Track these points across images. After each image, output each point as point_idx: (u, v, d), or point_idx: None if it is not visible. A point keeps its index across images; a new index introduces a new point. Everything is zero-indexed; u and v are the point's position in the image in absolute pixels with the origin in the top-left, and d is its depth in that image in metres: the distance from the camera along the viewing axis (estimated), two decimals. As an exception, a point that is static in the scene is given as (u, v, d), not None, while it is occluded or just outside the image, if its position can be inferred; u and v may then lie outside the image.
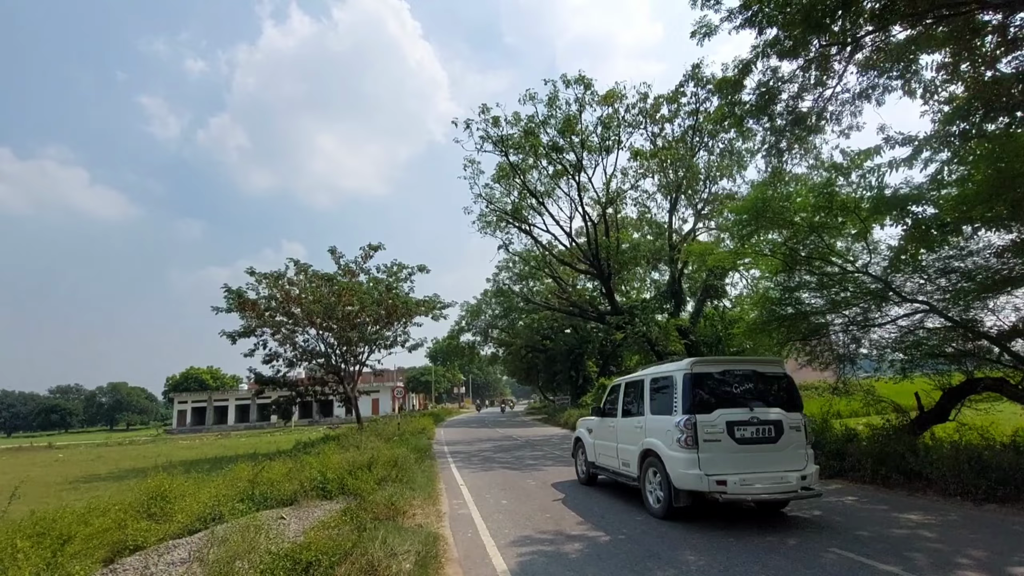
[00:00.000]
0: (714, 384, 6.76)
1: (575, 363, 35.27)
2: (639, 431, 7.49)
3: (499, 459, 13.96)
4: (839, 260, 9.92)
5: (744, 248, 11.07)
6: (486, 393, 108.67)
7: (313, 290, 29.15)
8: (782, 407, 6.74)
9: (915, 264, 9.01)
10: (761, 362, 7.40)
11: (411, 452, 12.88)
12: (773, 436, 6.53)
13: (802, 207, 9.32)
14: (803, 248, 10.01)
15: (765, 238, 10.73)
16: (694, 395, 6.53)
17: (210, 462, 24.16)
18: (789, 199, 9.66)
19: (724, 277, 23.01)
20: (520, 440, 20.19)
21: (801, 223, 9.53)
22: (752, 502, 7.07)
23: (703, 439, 6.34)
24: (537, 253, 24.16)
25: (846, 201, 9.07)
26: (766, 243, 10.53)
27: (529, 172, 21.59)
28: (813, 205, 9.10)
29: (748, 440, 6.43)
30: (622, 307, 21.26)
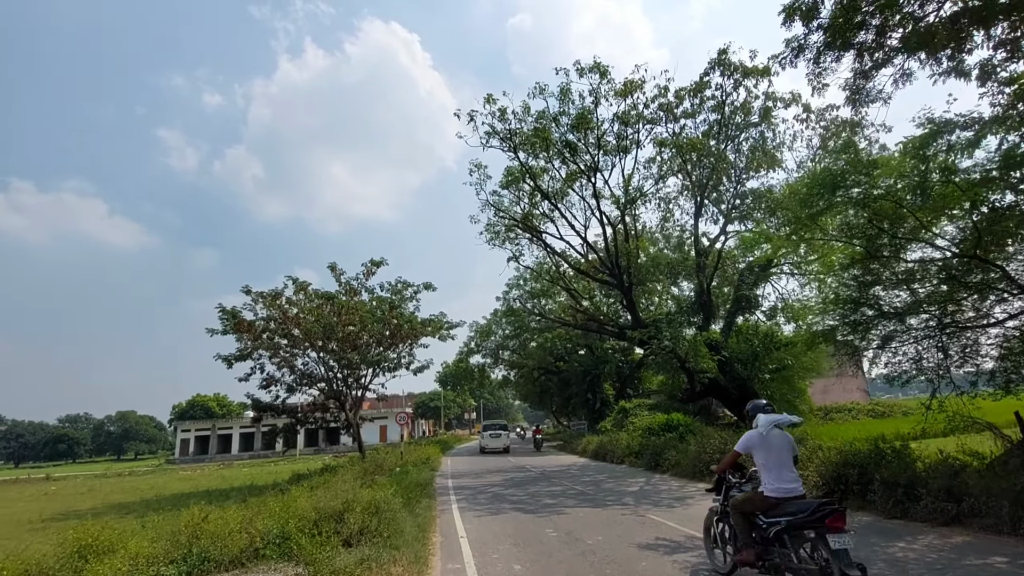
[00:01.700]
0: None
1: (592, 385, 32.95)
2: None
3: (510, 497, 11.79)
4: (941, 243, 7.85)
5: (810, 233, 9.03)
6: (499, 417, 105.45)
7: (312, 309, 27.45)
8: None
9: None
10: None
11: (405, 490, 10.78)
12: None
13: (894, 172, 7.32)
14: (890, 229, 7.98)
15: (835, 222, 8.74)
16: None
17: (200, 496, 22.64)
18: (874, 167, 7.67)
19: (757, 287, 20.87)
20: (534, 471, 17.94)
21: (891, 196, 7.53)
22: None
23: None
24: (550, 265, 22.25)
25: (947, 167, 7.08)
26: (840, 226, 8.52)
27: (540, 176, 19.89)
28: (910, 170, 7.11)
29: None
30: (645, 320, 19.15)
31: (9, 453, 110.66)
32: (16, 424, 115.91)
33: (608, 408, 32.94)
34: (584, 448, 24.17)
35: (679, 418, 21.47)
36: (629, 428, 23.24)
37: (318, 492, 8.33)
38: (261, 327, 26.99)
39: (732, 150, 18.81)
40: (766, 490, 4.69)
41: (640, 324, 18.66)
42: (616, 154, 18.91)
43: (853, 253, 8.71)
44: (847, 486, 9.04)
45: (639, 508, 9.57)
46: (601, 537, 7.25)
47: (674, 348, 17.15)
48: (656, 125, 18.70)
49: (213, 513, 7.62)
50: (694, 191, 19.11)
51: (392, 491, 9.95)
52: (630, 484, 13.31)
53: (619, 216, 18.36)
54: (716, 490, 5.72)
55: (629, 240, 18.68)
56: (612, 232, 18.46)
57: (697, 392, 18.35)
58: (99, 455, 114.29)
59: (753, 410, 5.35)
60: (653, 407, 26.70)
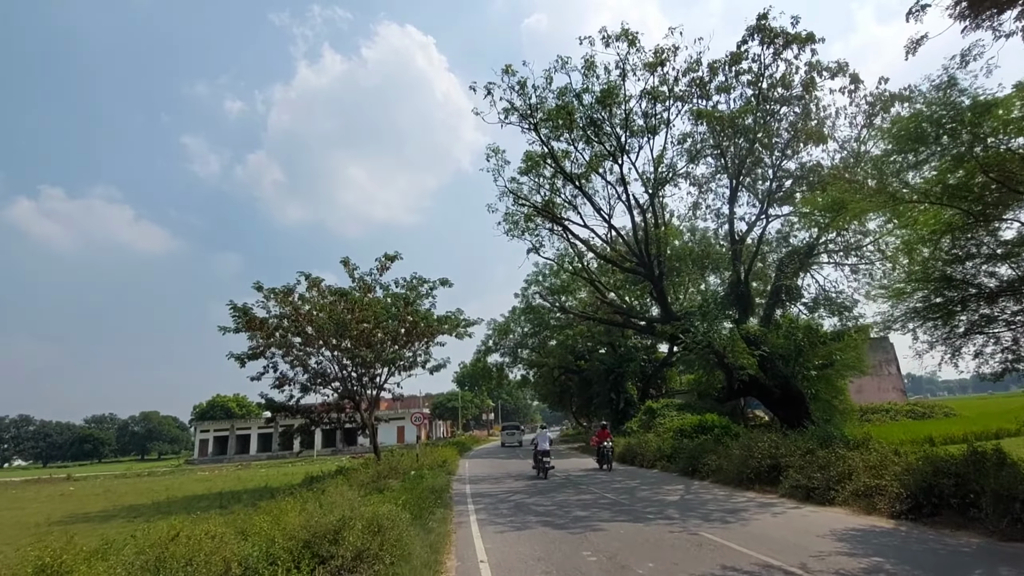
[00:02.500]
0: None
1: (615, 384, 31.43)
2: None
3: (536, 506, 10.52)
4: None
5: (891, 197, 7.55)
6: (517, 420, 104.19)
7: (324, 306, 26.55)
8: None
9: None
10: None
11: (417, 499, 9.58)
12: None
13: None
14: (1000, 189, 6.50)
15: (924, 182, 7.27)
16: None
17: (211, 499, 21.46)
18: (983, 113, 6.19)
19: (797, 276, 19.24)
20: (559, 476, 16.62)
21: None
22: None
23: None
24: (572, 256, 20.91)
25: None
26: (929, 187, 7.04)
27: (562, 161, 18.57)
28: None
29: None
30: (677, 313, 17.68)
31: (37, 453, 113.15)
32: (44, 424, 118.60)
33: (632, 408, 31.40)
34: (610, 451, 22.70)
35: (713, 419, 19.95)
36: (658, 430, 21.78)
37: (309, 506, 7.14)
38: (274, 324, 26.21)
39: (770, 127, 17.24)
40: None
41: (672, 317, 17.20)
42: (644, 135, 17.52)
43: (945, 221, 7.24)
44: (941, 499, 7.58)
45: (688, 524, 8.22)
46: (653, 564, 5.94)
47: (710, 343, 15.68)
48: (687, 103, 17.27)
49: (190, 527, 6.51)
50: (729, 172, 17.60)
51: (403, 500, 8.78)
52: (668, 492, 11.94)
53: (648, 200, 16.91)
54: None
55: (658, 226, 17.24)
56: (641, 217, 17.02)
57: (736, 391, 16.85)
58: (124, 455, 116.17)
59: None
60: (682, 407, 25.16)
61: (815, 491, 9.84)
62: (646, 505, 10.16)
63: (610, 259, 18.32)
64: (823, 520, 8.25)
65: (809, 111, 16.92)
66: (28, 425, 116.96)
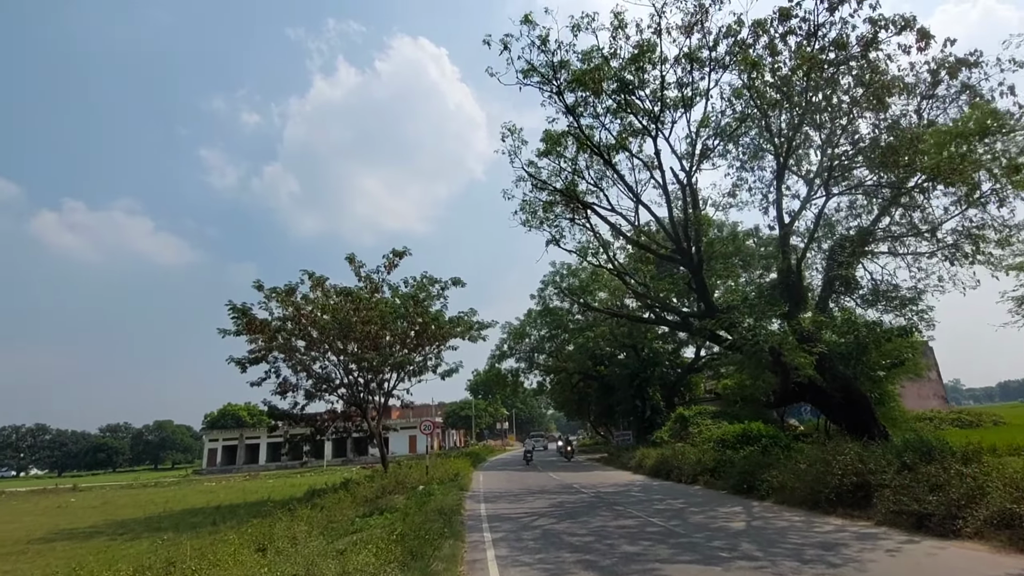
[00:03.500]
0: None
1: (639, 390, 29.17)
2: None
3: (569, 537, 8.45)
4: None
5: None
6: (532, 429, 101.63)
7: (328, 307, 24.80)
8: None
9: None
10: None
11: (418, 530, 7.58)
12: None
13: None
14: None
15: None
16: None
17: (206, 514, 20.41)
18: None
19: (852, 265, 16.97)
20: (587, 492, 14.49)
21: None
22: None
23: None
24: (595, 246, 18.87)
25: None
26: None
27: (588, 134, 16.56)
28: None
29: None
30: (720, 306, 15.53)
31: (53, 462, 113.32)
32: (60, 433, 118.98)
33: (659, 416, 29.11)
34: (639, 463, 20.50)
35: (760, 428, 17.69)
36: (694, 439, 19.55)
37: (270, 556, 5.21)
38: (276, 327, 24.53)
39: (824, 93, 15.11)
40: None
41: (714, 311, 15.04)
42: (678, 108, 15.52)
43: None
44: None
45: (781, 568, 6.12)
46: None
47: (760, 340, 13.51)
48: (728, 69, 15.24)
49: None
50: (776, 144, 15.48)
51: (399, 531, 6.83)
52: (727, 517, 9.78)
53: (685, 177, 14.83)
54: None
55: (696, 207, 15.16)
56: (683, 190, 14.90)
57: (791, 394, 14.62)
58: (138, 464, 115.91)
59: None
60: (716, 415, 22.87)
61: (929, 519, 7.64)
62: (709, 536, 8.03)
63: (643, 245, 16.21)
64: (964, 562, 6.10)
65: (868, 74, 14.75)
66: (44, 434, 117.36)
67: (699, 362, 33.68)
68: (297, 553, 5.37)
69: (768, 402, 16.43)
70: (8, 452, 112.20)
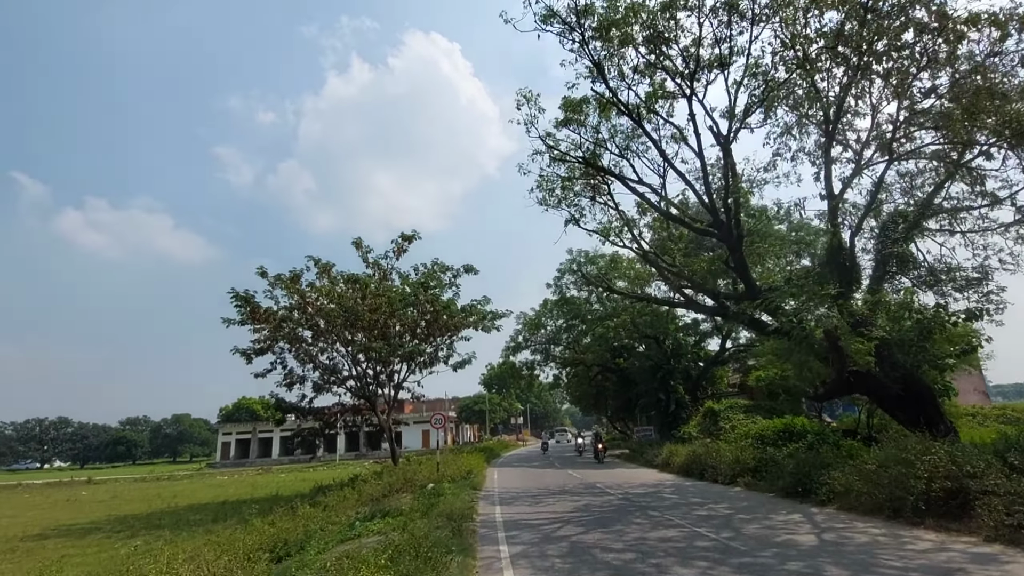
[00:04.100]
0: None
1: (663, 383, 27.48)
2: None
3: (602, 550, 6.97)
4: None
5: None
6: (546, 423, 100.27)
7: (334, 293, 23.56)
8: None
9: None
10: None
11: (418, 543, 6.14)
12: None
13: None
14: None
15: None
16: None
17: (212, 509, 20.19)
18: None
19: (907, 242, 15.15)
20: (613, 494, 12.98)
21: None
22: None
23: None
24: (618, 226, 17.24)
25: None
26: None
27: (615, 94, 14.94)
28: None
29: None
30: (761, 286, 13.83)
31: (75, 454, 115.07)
32: (82, 427, 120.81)
33: (684, 411, 27.43)
34: (667, 460, 18.91)
35: (803, 423, 16.02)
36: (728, 436, 17.90)
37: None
38: (281, 316, 23.38)
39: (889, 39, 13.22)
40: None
41: (756, 291, 13.37)
42: (714, 67, 13.82)
43: None
44: None
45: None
46: None
47: (812, 323, 11.85)
48: (768, 24, 13.50)
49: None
50: (824, 105, 13.70)
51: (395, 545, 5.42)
52: (788, 527, 8.22)
53: (724, 140, 13.11)
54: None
55: (735, 175, 13.45)
56: (722, 150, 13.19)
57: (845, 385, 12.91)
58: (157, 457, 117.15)
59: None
60: (749, 409, 21.15)
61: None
62: (778, 555, 6.49)
63: (677, 218, 14.50)
64: None
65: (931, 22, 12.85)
66: (67, 427, 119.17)
67: (724, 354, 31.86)
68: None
69: (815, 394, 14.71)
70: (32, 445, 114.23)
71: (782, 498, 11.11)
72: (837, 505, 9.60)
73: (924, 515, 7.85)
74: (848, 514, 9.03)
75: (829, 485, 10.04)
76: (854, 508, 9.14)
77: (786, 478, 11.42)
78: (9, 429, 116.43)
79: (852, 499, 9.38)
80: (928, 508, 7.85)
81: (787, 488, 11.22)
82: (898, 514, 8.21)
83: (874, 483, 8.99)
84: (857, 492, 9.36)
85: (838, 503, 9.64)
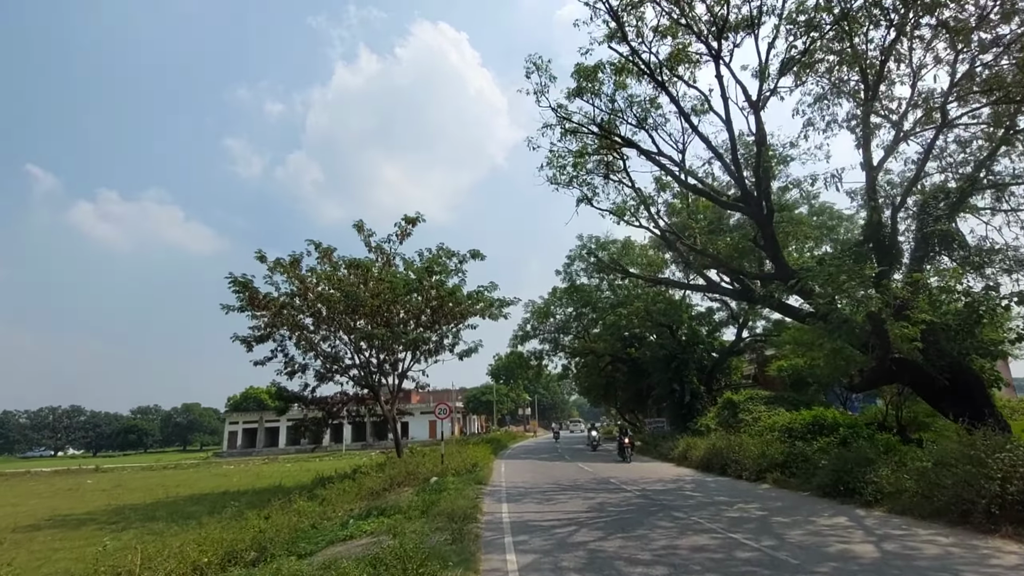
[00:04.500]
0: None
1: (677, 373, 26.37)
2: None
3: (630, 567, 5.89)
4: None
5: None
6: (554, 415, 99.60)
7: (333, 277, 22.63)
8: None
9: None
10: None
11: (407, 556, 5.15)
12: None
13: None
14: None
15: None
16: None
17: (212, 500, 19.74)
18: None
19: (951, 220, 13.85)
20: (630, 490, 11.97)
21: None
22: None
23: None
24: (635, 203, 16.09)
25: None
26: None
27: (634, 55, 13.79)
28: None
29: None
30: (793, 267, 12.65)
31: (88, 442, 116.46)
32: (95, 415, 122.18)
33: (699, 402, 26.31)
34: (684, 454, 17.88)
35: (834, 415, 14.89)
36: (750, 429, 16.82)
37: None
38: (281, 302, 22.49)
39: None
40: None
41: (787, 271, 12.21)
42: (740, 29, 12.59)
43: None
44: None
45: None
46: None
47: (854, 306, 10.70)
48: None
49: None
50: (863, 65, 12.40)
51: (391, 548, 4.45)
52: (838, 533, 7.16)
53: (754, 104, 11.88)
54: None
55: (766, 144, 12.22)
56: (753, 115, 11.95)
57: (888, 373, 11.76)
58: (167, 445, 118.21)
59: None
60: (771, 401, 20.00)
61: None
62: (833, 570, 5.43)
63: (702, 191, 13.27)
64: None
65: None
66: (79, 415, 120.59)
67: (740, 344, 30.62)
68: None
69: (850, 384, 13.56)
70: (45, 432, 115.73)
71: (819, 497, 10.04)
72: (887, 507, 8.52)
73: (999, 521, 6.76)
74: (902, 518, 7.95)
75: (876, 484, 8.96)
76: (908, 511, 8.06)
77: (823, 475, 10.33)
78: (23, 417, 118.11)
79: (905, 501, 8.30)
80: (1003, 513, 6.76)
81: (824, 486, 10.14)
82: (965, 519, 7.12)
83: (933, 484, 7.89)
84: (911, 493, 8.28)
85: (887, 505, 8.56)
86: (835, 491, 9.77)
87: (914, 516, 7.88)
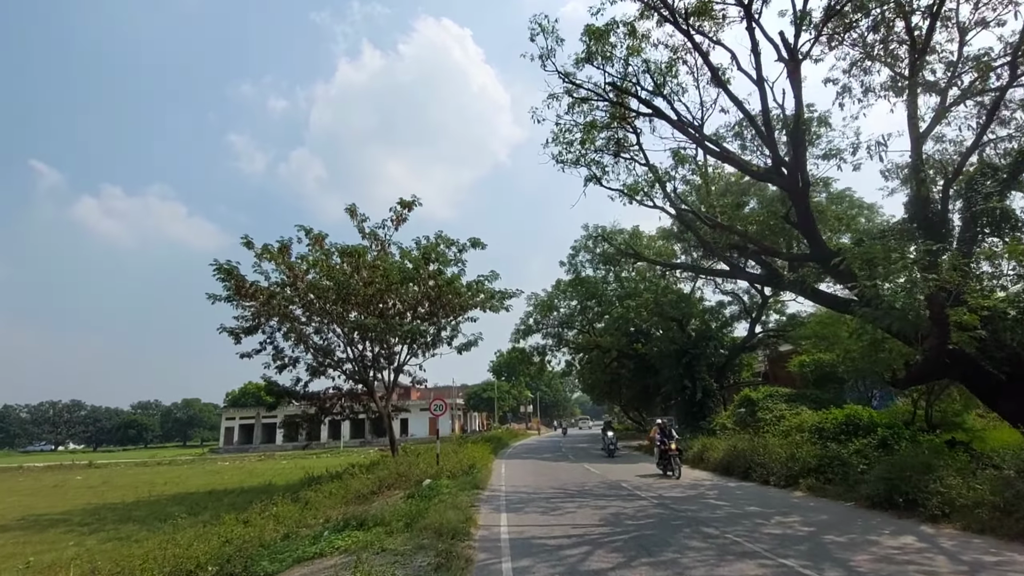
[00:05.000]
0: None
1: (688, 369, 24.98)
2: None
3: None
4: None
5: None
6: (555, 412, 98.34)
7: (323, 264, 21.28)
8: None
9: None
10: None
11: None
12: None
13: None
14: None
15: None
16: None
17: (197, 499, 19.17)
18: None
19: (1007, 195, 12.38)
20: (646, 498, 10.61)
21: None
22: None
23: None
24: (648, 182, 14.68)
25: None
26: None
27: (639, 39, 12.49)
28: None
29: None
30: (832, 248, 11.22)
31: (88, 437, 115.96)
32: (95, 410, 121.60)
33: (711, 400, 24.93)
34: (699, 456, 16.50)
35: (872, 415, 13.47)
36: (773, 428, 15.42)
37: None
38: (270, 292, 21.16)
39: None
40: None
41: (824, 251, 10.78)
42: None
43: None
44: None
45: None
46: None
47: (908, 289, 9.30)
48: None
49: None
50: (909, 31, 10.95)
51: None
52: (913, 558, 5.79)
53: (792, 53, 10.41)
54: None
55: (802, 106, 10.77)
56: (789, 73, 10.47)
57: (941, 367, 10.36)
58: (167, 441, 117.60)
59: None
60: (792, 398, 18.58)
61: None
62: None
63: (731, 158, 11.81)
64: None
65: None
66: (80, 410, 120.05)
67: (753, 339, 29.19)
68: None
69: (893, 380, 12.18)
70: (46, 427, 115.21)
71: (867, 509, 8.66)
72: (958, 524, 7.13)
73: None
74: (982, 538, 6.57)
75: (943, 495, 7.57)
76: (989, 530, 6.68)
77: (873, 483, 8.93)
78: (24, 412, 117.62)
79: (981, 517, 6.92)
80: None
81: (874, 496, 8.73)
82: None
83: (1020, 497, 6.50)
84: (988, 508, 6.90)
85: (959, 521, 7.17)
86: (889, 503, 8.37)
87: (997, 536, 6.50)
